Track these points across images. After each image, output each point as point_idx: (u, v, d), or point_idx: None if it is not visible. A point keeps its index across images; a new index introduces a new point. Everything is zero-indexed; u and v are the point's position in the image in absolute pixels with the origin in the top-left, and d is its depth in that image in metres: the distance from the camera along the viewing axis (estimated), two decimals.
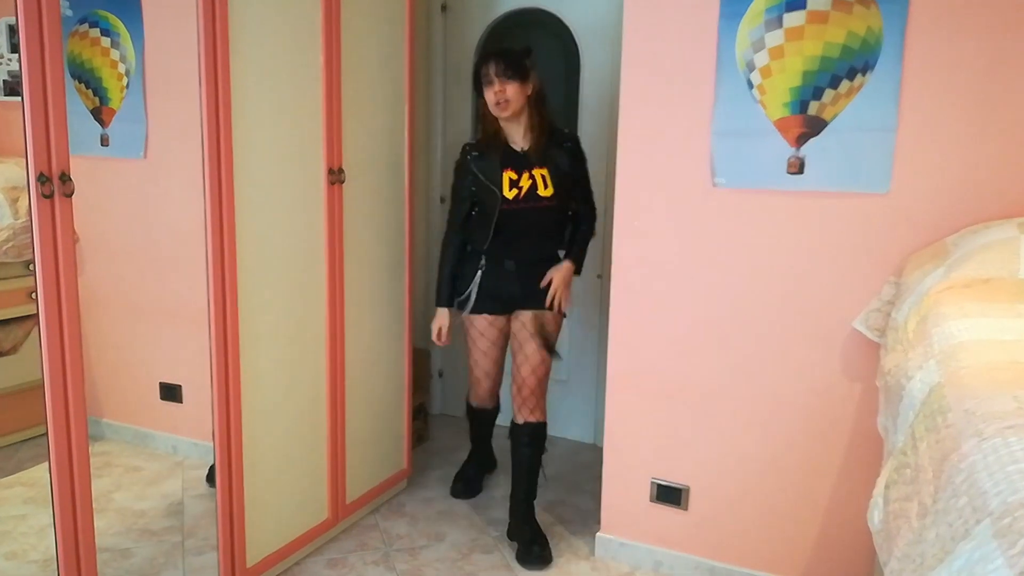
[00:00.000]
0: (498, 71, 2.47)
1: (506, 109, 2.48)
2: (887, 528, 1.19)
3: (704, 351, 2.37)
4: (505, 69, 2.47)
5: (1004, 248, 1.68)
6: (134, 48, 2.16)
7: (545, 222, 2.58)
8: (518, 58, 2.50)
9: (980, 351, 1.27)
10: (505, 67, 2.47)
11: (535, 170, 2.52)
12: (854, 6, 2.03)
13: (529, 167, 2.52)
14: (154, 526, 2.39)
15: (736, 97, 2.20)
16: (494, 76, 2.47)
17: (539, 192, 2.52)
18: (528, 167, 2.52)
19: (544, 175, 2.52)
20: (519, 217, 2.53)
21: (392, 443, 2.93)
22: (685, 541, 2.48)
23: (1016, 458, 0.88)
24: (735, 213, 2.27)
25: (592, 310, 3.48)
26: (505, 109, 2.48)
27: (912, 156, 2.05)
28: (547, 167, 2.52)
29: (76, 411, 1.72)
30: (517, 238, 2.57)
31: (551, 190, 2.52)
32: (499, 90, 2.47)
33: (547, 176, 2.52)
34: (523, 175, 2.52)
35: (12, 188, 2.07)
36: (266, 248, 2.19)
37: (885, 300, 2.06)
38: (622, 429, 2.53)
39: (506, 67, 2.47)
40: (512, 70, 2.47)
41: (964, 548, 0.83)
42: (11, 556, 2.15)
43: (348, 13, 2.41)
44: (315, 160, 2.36)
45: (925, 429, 1.18)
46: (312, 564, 2.50)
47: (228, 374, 2.10)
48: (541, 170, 2.52)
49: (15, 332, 2.17)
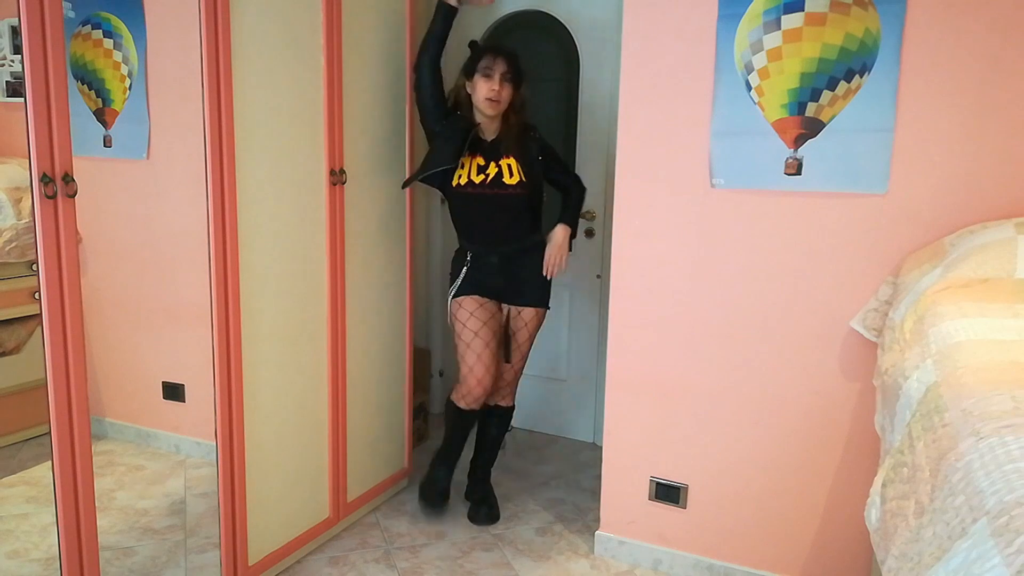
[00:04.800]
0: (504, 72, 2.54)
1: (495, 109, 2.55)
2: (884, 527, 1.20)
3: (703, 351, 2.38)
4: (511, 73, 2.55)
5: (1001, 248, 1.69)
6: (136, 50, 2.17)
7: (513, 209, 2.62)
8: (519, 64, 2.59)
9: (978, 351, 1.28)
10: (511, 71, 2.55)
11: (502, 160, 2.59)
12: (852, 8, 2.04)
13: (496, 157, 2.59)
14: (156, 525, 2.40)
15: (734, 98, 2.21)
16: (497, 74, 2.53)
17: (504, 179, 2.58)
18: (496, 157, 2.59)
19: (511, 164, 2.59)
20: (485, 202, 2.60)
21: (393, 442, 2.94)
22: (684, 539, 2.49)
23: (1013, 457, 0.89)
24: (733, 214, 2.28)
25: (592, 310, 3.49)
26: (494, 108, 2.55)
27: (910, 157, 2.06)
28: (514, 156, 2.59)
29: (79, 410, 1.73)
30: (488, 224, 2.64)
31: (517, 178, 2.58)
32: (496, 89, 2.53)
33: (513, 165, 2.59)
34: (490, 163, 2.58)
35: (15, 189, 2.08)
36: (268, 248, 2.20)
37: (882, 300, 2.07)
38: (621, 428, 2.54)
39: (513, 72, 2.56)
40: (516, 76, 2.57)
41: (961, 547, 0.84)
42: (14, 555, 2.15)
43: (349, 15, 2.41)
44: (316, 161, 2.36)
45: (922, 428, 1.19)
46: (313, 562, 2.51)
47: (230, 373, 2.11)
48: (508, 159, 2.59)
49: (18, 332, 2.18)
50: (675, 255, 2.38)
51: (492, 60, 2.54)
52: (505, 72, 2.54)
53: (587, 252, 3.44)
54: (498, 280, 2.68)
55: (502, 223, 2.64)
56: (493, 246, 2.66)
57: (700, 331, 2.37)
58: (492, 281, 2.67)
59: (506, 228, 2.65)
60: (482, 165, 2.58)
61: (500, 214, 2.63)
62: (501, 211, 2.62)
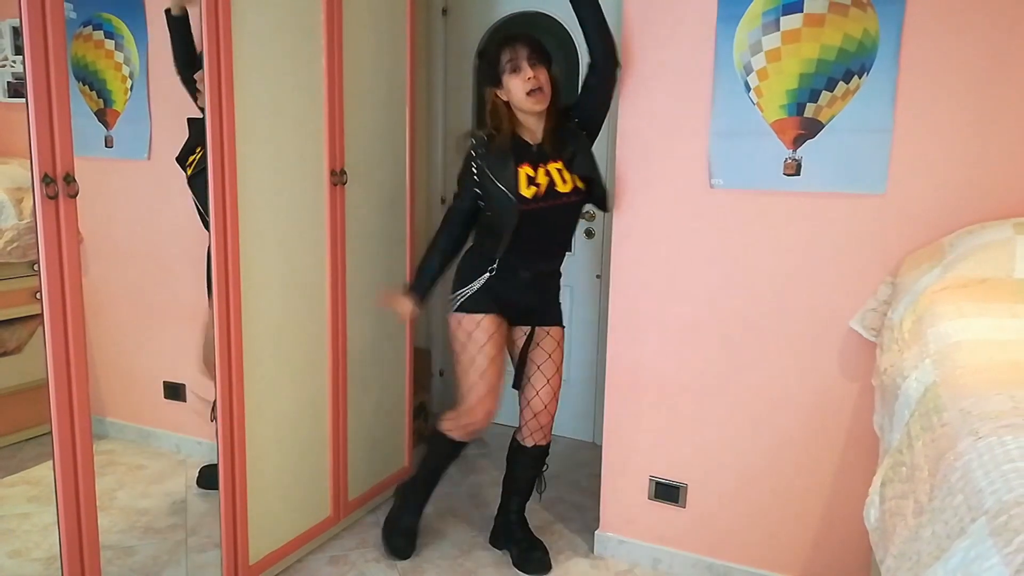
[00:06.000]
0: (528, 56, 2.20)
1: (541, 100, 2.22)
2: (883, 526, 1.20)
3: (702, 350, 2.38)
4: (536, 54, 2.21)
5: (1000, 248, 1.69)
6: (138, 50, 2.17)
7: (566, 222, 2.36)
8: (540, 42, 2.26)
9: (976, 351, 1.28)
10: (535, 52, 2.21)
11: (550, 164, 2.26)
12: (850, 9, 2.04)
13: (544, 162, 2.26)
14: (157, 524, 2.40)
15: (733, 99, 2.22)
16: (524, 61, 2.19)
17: (558, 188, 2.26)
18: (543, 162, 2.26)
19: (560, 168, 2.27)
20: (538, 218, 2.26)
21: (393, 441, 2.94)
22: (684, 539, 2.49)
23: (1012, 457, 0.89)
24: (732, 214, 2.29)
25: (591, 309, 3.49)
26: (542, 100, 2.22)
27: (908, 157, 2.07)
28: (562, 159, 2.27)
29: (80, 410, 1.73)
30: (535, 241, 2.31)
31: (570, 184, 2.26)
32: (533, 77, 2.19)
33: (562, 169, 2.27)
34: (539, 171, 2.25)
35: (17, 189, 2.08)
36: (269, 248, 2.20)
37: (881, 300, 2.08)
38: (621, 427, 2.54)
39: (535, 52, 2.21)
40: (541, 54, 2.23)
41: (960, 546, 0.84)
42: (15, 554, 2.16)
43: (349, 16, 2.41)
44: (317, 162, 2.37)
45: (921, 428, 1.19)
46: (314, 561, 2.51)
47: (231, 373, 2.11)
48: (556, 164, 2.27)
49: (20, 332, 2.18)
50: (674, 255, 2.38)
51: (512, 51, 2.21)
52: (531, 55, 2.20)
53: (587, 252, 3.44)
54: (532, 299, 2.39)
55: (552, 237, 2.36)
56: (535, 261, 2.35)
57: (699, 331, 2.38)
58: (524, 300, 2.38)
59: (554, 243, 2.37)
60: (531, 176, 2.24)
61: (552, 228, 2.33)
62: (553, 224, 2.32)
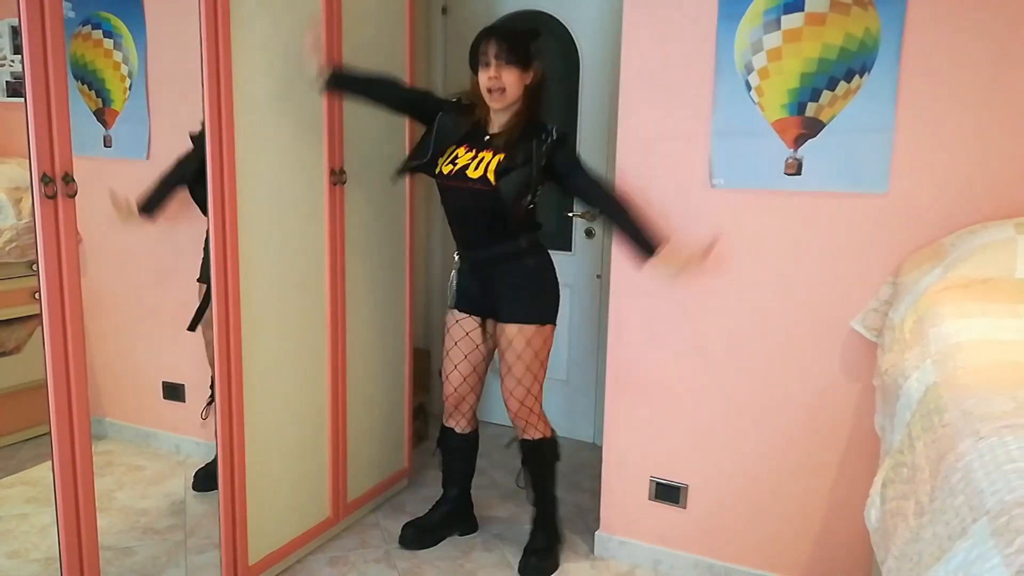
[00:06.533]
0: (498, 53, 2.15)
1: (500, 100, 2.18)
2: (884, 526, 1.20)
3: (703, 350, 2.38)
4: (507, 53, 2.15)
5: (1002, 248, 1.69)
6: (136, 50, 2.17)
7: (476, 207, 2.25)
8: (522, 41, 2.19)
9: (978, 351, 1.28)
10: (507, 50, 2.15)
11: (483, 152, 2.22)
12: (852, 8, 2.04)
13: (483, 149, 2.23)
14: (156, 525, 2.40)
15: (734, 98, 2.21)
16: (492, 58, 2.15)
17: (468, 172, 2.20)
18: (483, 149, 2.23)
19: (487, 159, 2.20)
20: (450, 195, 2.30)
21: (393, 442, 2.94)
22: (684, 539, 2.49)
23: (1013, 457, 0.89)
24: (733, 213, 2.28)
25: (592, 310, 3.49)
26: (499, 100, 2.18)
27: (910, 157, 2.06)
28: (503, 154, 2.19)
29: (79, 410, 1.73)
30: (462, 226, 2.35)
31: (481, 172, 2.18)
32: (494, 76, 2.15)
33: (491, 162, 2.18)
34: (469, 155, 2.23)
35: (15, 188, 2.08)
36: (268, 248, 2.20)
37: (883, 300, 2.07)
38: (621, 428, 2.54)
39: (508, 50, 2.15)
40: (513, 54, 2.15)
41: (961, 546, 0.84)
42: (13, 555, 2.15)
43: (349, 15, 2.41)
44: (317, 161, 2.36)
45: (922, 428, 1.19)
46: (313, 562, 2.51)
47: (230, 373, 2.11)
48: (487, 153, 2.21)
49: (18, 332, 2.18)
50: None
51: (485, 45, 2.17)
52: (500, 52, 2.14)
53: (587, 252, 3.44)
54: (472, 289, 2.41)
55: (468, 221, 2.33)
56: (465, 248, 2.39)
57: (700, 331, 2.37)
58: (469, 290, 2.42)
59: (473, 228, 2.33)
60: (459, 156, 2.24)
61: (465, 210, 2.31)
62: (464, 207, 2.29)
